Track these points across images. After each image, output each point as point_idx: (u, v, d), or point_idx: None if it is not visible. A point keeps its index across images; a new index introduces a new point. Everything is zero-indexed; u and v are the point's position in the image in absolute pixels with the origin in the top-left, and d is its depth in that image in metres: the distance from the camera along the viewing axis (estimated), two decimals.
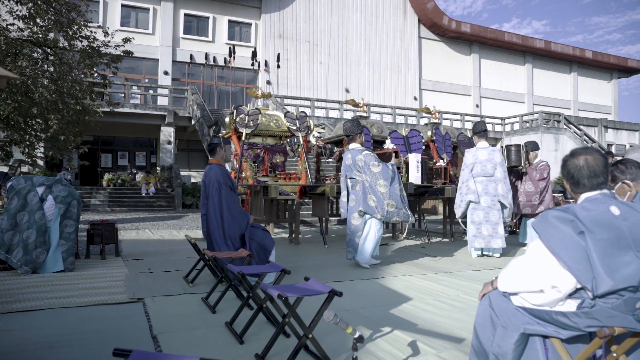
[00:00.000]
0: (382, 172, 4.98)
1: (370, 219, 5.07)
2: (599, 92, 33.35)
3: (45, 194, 4.79)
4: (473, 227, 5.88)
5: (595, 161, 1.79)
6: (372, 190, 4.98)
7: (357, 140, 5.27)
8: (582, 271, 1.59)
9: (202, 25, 23.35)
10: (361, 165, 5.04)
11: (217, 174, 4.23)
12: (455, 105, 27.10)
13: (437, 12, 27.26)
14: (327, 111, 21.20)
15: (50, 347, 2.55)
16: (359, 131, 5.28)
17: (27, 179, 4.85)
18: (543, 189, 6.38)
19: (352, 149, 5.22)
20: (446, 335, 2.84)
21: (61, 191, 4.86)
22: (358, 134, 5.27)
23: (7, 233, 4.58)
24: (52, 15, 9.41)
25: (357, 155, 5.09)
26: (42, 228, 4.65)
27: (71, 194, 4.93)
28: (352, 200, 5.16)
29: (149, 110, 18.23)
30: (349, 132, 5.29)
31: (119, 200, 15.15)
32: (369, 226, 5.08)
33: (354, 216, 5.09)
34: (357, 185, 5.10)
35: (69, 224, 4.83)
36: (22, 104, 8.90)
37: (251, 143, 8.14)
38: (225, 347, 2.59)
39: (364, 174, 5.02)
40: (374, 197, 4.97)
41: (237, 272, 2.73)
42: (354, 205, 5.11)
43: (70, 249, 4.80)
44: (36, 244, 4.57)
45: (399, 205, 4.99)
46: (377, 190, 4.95)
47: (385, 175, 4.97)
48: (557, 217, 1.68)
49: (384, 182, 4.95)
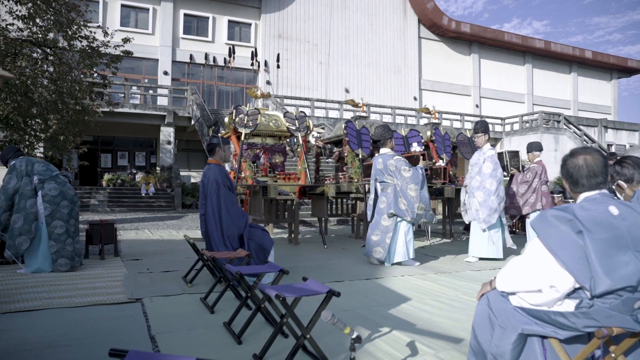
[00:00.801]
0: (412, 177, 5.16)
1: (401, 221, 5.25)
2: (598, 92, 33.35)
3: (38, 187, 4.73)
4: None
5: (594, 161, 1.79)
6: (403, 194, 5.17)
7: (388, 145, 5.46)
8: (580, 271, 1.58)
9: (201, 26, 23.35)
10: (393, 170, 5.23)
11: (215, 174, 4.23)
12: (455, 106, 27.09)
13: (437, 12, 27.26)
14: (326, 111, 21.20)
15: (48, 347, 2.55)
16: (389, 136, 5.46)
17: (28, 162, 4.78)
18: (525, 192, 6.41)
19: (382, 154, 5.42)
20: (445, 335, 2.83)
21: (51, 190, 4.72)
22: (389, 138, 5.46)
23: (4, 213, 4.59)
24: (51, 15, 9.40)
25: (388, 160, 5.28)
26: (30, 216, 4.60)
27: (62, 193, 4.79)
28: (382, 202, 5.34)
29: (148, 110, 18.23)
30: (380, 137, 5.46)
31: (119, 201, 15.15)
32: (399, 228, 5.25)
33: (384, 217, 5.28)
34: (388, 188, 5.30)
35: (58, 225, 4.70)
36: (22, 104, 8.90)
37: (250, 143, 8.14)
38: (223, 347, 2.59)
39: (395, 178, 5.20)
40: (404, 201, 5.16)
41: (236, 272, 2.72)
42: (384, 207, 5.30)
43: (61, 250, 4.68)
44: (21, 231, 4.54)
45: (427, 207, 5.19)
46: (408, 194, 5.14)
47: (415, 180, 5.17)
48: (556, 217, 1.68)
49: (415, 187, 5.14)
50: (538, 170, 6.53)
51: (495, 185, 5.49)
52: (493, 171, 5.52)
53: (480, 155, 5.70)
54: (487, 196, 5.48)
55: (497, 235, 5.65)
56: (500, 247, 5.72)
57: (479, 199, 5.51)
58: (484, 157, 5.61)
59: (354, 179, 8.28)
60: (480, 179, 5.53)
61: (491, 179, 5.50)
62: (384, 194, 5.32)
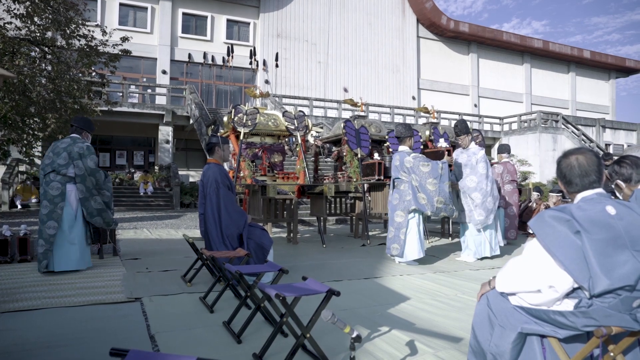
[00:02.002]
0: (431, 172, 5.20)
1: (413, 217, 5.33)
2: (596, 92, 33.41)
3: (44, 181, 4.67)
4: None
5: (586, 160, 1.80)
6: (422, 188, 5.22)
7: (407, 143, 5.52)
8: (578, 270, 1.59)
9: (200, 25, 23.31)
10: (409, 167, 5.29)
11: (215, 174, 4.23)
12: (454, 105, 27.11)
13: (436, 11, 27.27)
14: (325, 110, 21.19)
15: (47, 347, 2.55)
16: (409, 134, 5.52)
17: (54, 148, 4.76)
18: None
19: (400, 152, 5.47)
20: (444, 334, 2.84)
21: (52, 189, 4.55)
22: (408, 137, 5.51)
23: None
24: (49, 14, 9.38)
25: (405, 157, 5.34)
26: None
27: (62, 195, 4.56)
28: (395, 198, 5.41)
29: (147, 109, 18.18)
30: (400, 134, 5.53)
31: (117, 200, 15.08)
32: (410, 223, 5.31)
33: (397, 213, 5.34)
34: (401, 185, 5.36)
35: (51, 225, 4.49)
36: (20, 102, 8.88)
37: (249, 142, 8.13)
38: (222, 346, 2.59)
39: (413, 174, 5.27)
40: (423, 195, 5.21)
41: (235, 272, 2.72)
42: (397, 204, 5.38)
43: (46, 253, 4.45)
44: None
45: (447, 201, 5.23)
46: (427, 189, 5.20)
47: (434, 174, 5.21)
48: (554, 217, 1.69)
49: (434, 181, 5.19)
50: (499, 170, 7.32)
51: (490, 186, 5.56)
52: (487, 172, 5.59)
53: (470, 155, 5.71)
54: (484, 197, 5.51)
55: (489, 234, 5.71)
56: (496, 245, 5.80)
57: (476, 201, 5.53)
58: (475, 158, 5.64)
59: (353, 178, 8.28)
60: (476, 180, 5.55)
61: (486, 180, 5.55)
62: (397, 190, 5.40)
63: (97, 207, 4.79)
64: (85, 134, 4.99)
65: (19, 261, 5.18)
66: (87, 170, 4.70)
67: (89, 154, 4.75)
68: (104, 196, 4.93)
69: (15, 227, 5.78)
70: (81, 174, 4.67)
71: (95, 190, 4.80)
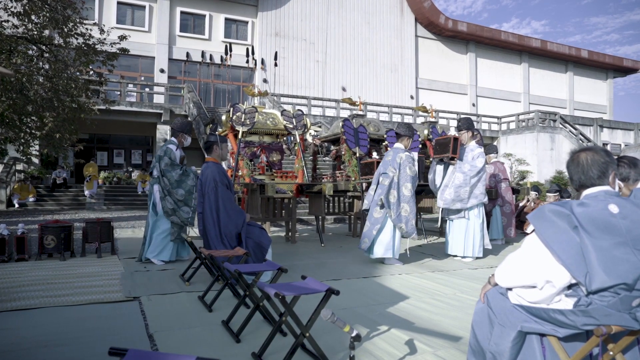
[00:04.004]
0: (412, 178, 5.19)
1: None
2: (594, 92, 33.48)
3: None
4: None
5: (590, 158, 1.81)
6: (397, 188, 5.19)
7: (404, 141, 5.48)
8: (575, 265, 1.59)
9: (198, 23, 23.26)
10: (399, 162, 5.26)
11: (213, 172, 4.23)
12: (452, 104, 27.14)
13: (434, 10, 27.28)
14: (323, 109, 21.18)
15: (45, 346, 2.54)
16: (409, 134, 5.48)
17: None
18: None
19: (395, 148, 5.45)
20: (443, 333, 2.84)
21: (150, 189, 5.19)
22: (407, 136, 5.47)
23: None
24: (47, 12, 9.34)
25: (398, 153, 5.33)
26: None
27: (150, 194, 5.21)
28: (377, 194, 5.36)
29: (145, 108, 18.14)
30: (400, 131, 5.51)
31: (115, 199, 15.07)
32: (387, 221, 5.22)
33: (376, 209, 5.28)
34: (386, 180, 5.29)
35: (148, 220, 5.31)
36: (17, 101, 8.84)
37: (248, 141, 8.11)
38: (221, 345, 2.59)
39: (398, 170, 5.24)
40: (395, 194, 5.17)
41: (234, 271, 2.72)
42: (378, 199, 5.33)
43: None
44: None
45: (412, 215, 5.17)
46: (402, 191, 5.18)
47: (414, 183, 5.20)
48: (553, 211, 1.69)
49: (411, 188, 5.18)
50: (490, 170, 7.46)
51: (475, 182, 5.59)
52: (481, 169, 5.63)
53: (467, 152, 5.78)
54: (464, 183, 5.57)
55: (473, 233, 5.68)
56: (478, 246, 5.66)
57: (456, 181, 5.61)
58: (472, 155, 5.70)
59: (352, 177, 8.27)
60: (468, 167, 5.62)
61: (477, 176, 5.61)
62: (381, 185, 5.34)
63: (171, 206, 5.08)
64: (181, 137, 5.31)
65: (16, 260, 5.17)
66: (160, 171, 5.08)
67: (164, 156, 5.10)
68: (177, 194, 5.10)
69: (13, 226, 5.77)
70: (159, 175, 5.09)
71: (167, 191, 5.08)
